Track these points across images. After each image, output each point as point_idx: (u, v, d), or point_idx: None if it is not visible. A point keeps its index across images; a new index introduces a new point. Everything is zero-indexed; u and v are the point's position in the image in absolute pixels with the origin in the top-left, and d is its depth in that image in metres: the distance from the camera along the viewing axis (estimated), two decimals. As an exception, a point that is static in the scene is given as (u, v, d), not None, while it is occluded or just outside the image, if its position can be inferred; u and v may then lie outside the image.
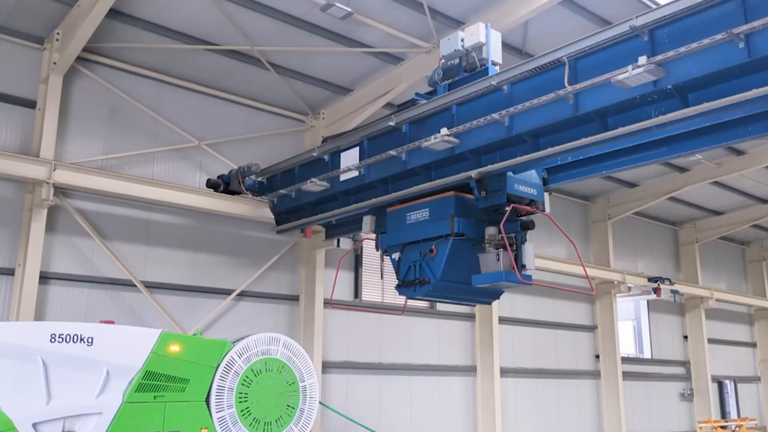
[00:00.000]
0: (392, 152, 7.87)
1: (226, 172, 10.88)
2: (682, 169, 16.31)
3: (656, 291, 17.62)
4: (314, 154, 9.32)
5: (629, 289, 17.45)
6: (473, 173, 7.24)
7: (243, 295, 11.48)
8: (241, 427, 5.98)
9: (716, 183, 16.86)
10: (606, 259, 17.61)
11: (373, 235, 8.95)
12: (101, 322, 5.72)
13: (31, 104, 9.85)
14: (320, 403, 6.85)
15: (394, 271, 8.33)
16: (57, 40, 9.83)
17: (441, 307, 14.47)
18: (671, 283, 18.11)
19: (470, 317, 14.97)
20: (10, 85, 9.78)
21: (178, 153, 11.20)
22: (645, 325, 19.49)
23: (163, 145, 11.00)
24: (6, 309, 9.20)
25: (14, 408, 4.90)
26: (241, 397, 6.03)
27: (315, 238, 11.92)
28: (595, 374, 17.23)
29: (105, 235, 10.23)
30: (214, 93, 11.77)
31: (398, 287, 8.16)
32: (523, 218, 7.65)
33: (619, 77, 5.48)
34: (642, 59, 5.36)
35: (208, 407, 5.86)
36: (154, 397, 5.58)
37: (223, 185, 10.53)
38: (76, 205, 10.00)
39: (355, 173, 8.65)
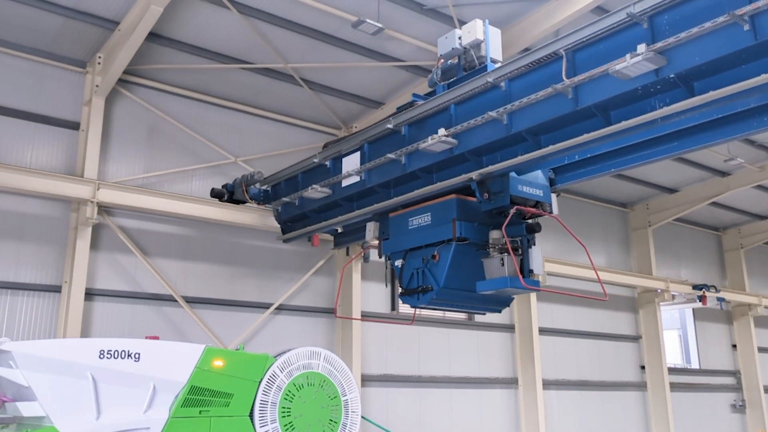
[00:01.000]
0: (391, 155, 7.60)
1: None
2: (723, 173, 15.94)
3: (702, 299, 17.19)
4: (315, 160, 9.06)
5: (673, 297, 17.06)
6: (474, 175, 6.96)
7: (281, 308, 11.55)
8: (285, 442, 5.98)
9: (759, 186, 16.41)
10: (648, 267, 17.25)
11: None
12: (146, 337, 5.80)
13: (75, 126, 10.14)
14: (362, 417, 6.82)
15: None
16: (99, 63, 10.11)
17: (479, 318, 14.34)
18: (717, 291, 17.64)
19: (509, 328, 14.80)
20: (56, 108, 10.08)
21: (215, 170, 11.39)
22: (691, 334, 19.00)
23: (201, 163, 11.19)
24: (53, 325, 9.43)
25: (66, 423, 5.00)
26: (284, 412, 6.04)
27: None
28: (640, 386, 16.83)
29: (146, 251, 10.43)
30: (250, 110, 11.94)
31: (402, 295, 7.86)
32: (529, 221, 7.29)
33: (617, 67, 5.19)
34: (641, 47, 5.06)
35: (252, 422, 5.88)
36: (200, 411, 5.63)
37: (227, 194, 10.29)
38: (118, 223, 10.23)
39: (356, 178, 8.39)
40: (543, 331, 15.02)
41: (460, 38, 7.28)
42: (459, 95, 6.96)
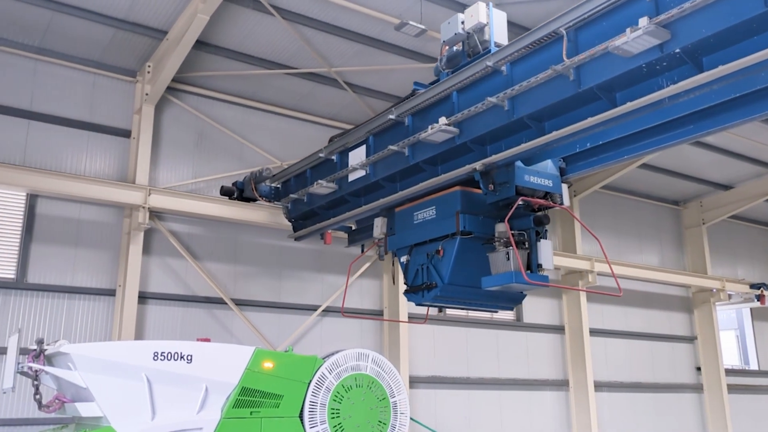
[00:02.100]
0: (393, 147, 7.34)
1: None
2: (780, 168, 15.36)
3: (760, 298, 16.57)
4: (321, 155, 8.84)
5: (729, 296, 16.50)
6: (477, 165, 6.63)
7: (328, 311, 11.62)
8: (334, 443, 6.00)
9: (819, 181, 15.75)
10: (702, 266, 16.73)
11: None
12: (198, 339, 5.88)
13: (126, 134, 10.43)
14: (411, 418, 6.78)
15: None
16: (148, 72, 10.37)
17: (528, 319, 14.18)
18: (776, 290, 16.99)
19: (559, 329, 14.57)
20: (108, 117, 10.39)
21: (262, 174, 11.53)
22: (749, 334, 18.34)
23: (248, 167, 11.35)
24: (109, 327, 9.70)
25: (123, 423, 5.11)
26: (333, 413, 6.06)
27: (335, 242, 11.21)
28: (696, 388, 16.34)
29: (196, 255, 10.63)
30: (295, 114, 12.07)
31: (406, 293, 7.58)
32: (538, 213, 6.89)
33: (618, 43, 4.85)
34: (642, 21, 4.70)
35: (302, 423, 5.91)
36: (251, 412, 5.68)
37: (237, 192, 10.11)
38: (169, 228, 10.46)
39: (362, 173, 8.13)
40: (594, 332, 14.71)
41: (462, 23, 6.90)
42: (459, 81, 6.65)
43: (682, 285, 16.47)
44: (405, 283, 7.65)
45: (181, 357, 5.46)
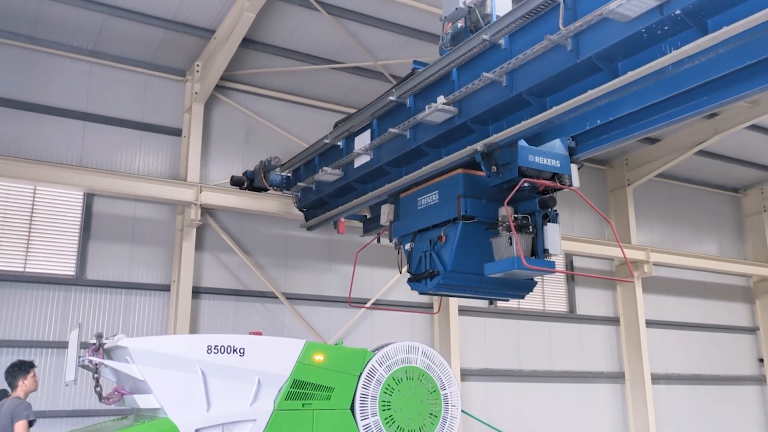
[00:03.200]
0: (394, 130, 7.11)
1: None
2: None
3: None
4: (327, 140, 8.62)
5: (794, 286, 15.83)
6: (478, 146, 6.35)
7: (378, 304, 11.64)
8: (386, 435, 6.00)
9: None
10: (765, 255, 16.11)
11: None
12: (250, 333, 5.96)
13: (177, 132, 10.65)
14: (462, 411, 6.73)
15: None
16: (197, 71, 10.56)
17: (581, 311, 13.90)
18: None
19: (614, 321, 14.24)
20: (159, 116, 10.64)
21: (310, 169, 11.61)
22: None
23: (296, 163, 11.45)
24: (164, 322, 9.96)
25: (179, 415, 5.22)
26: (384, 405, 6.05)
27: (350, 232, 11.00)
28: (759, 380, 15.76)
29: (247, 250, 10.80)
30: (342, 109, 12.09)
31: (410, 281, 7.32)
32: (543, 195, 6.51)
33: (613, 6, 4.55)
34: None
35: (353, 415, 5.93)
36: (302, 404, 5.72)
37: (247, 182, 9.89)
38: (220, 223, 10.65)
39: (367, 158, 7.90)
40: (650, 323, 14.33)
41: None
42: (457, 58, 6.38)
43: (742, 275, 15.89)
44: (408, 271, 7.41)
45: (234, 350, 5.53)
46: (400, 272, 7.69)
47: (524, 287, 7.19)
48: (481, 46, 6.12)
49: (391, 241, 7.96)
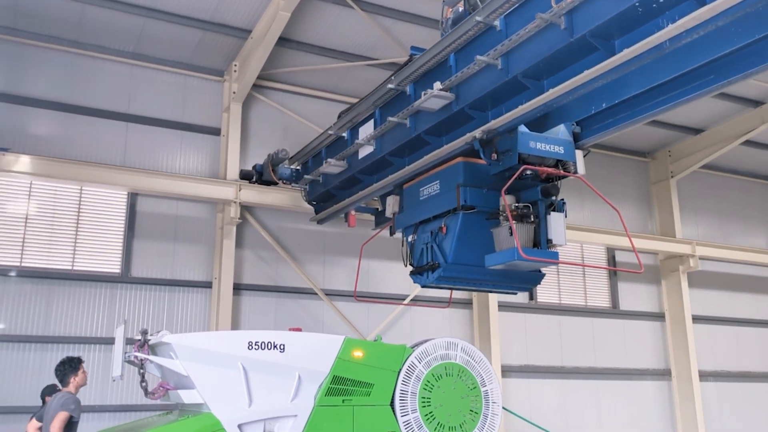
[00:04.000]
0: (393, 119, 6.96)
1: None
2: None
3: None
4: (331, 132, 8.46)
5: None
6: (477, 132, 6.14)
7: (417, 300, 11.61)
8: (427, 431, 5.98)
9: None
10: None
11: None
12: (290, 329, 6.00)
13: (216, 132, 10.81)
14: (503, 408, 6.66)
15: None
16: (235, 71, 10.69)
17: (624, 306, 13.65)
18: None
19: (659, 317, 13.93)
20: (198, 116, 10.80)
21: (347, 166, 11.64)
22: None
23: (334, 160, 11.49)
24: (206, 318, 10.12)
25: (222, 410, 5.29)
26: (424, 402, 6.03)
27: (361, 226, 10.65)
28: (813, 377, 15.20)
29: (286, 247, 10.89)
30: (378, 105, 12.08)
31: (412, 274, 7.12)
32: (547, 183, 6.26)
33: None
34: None
35: (393, 411, 5.93)
36: (342, 400, 5.74)
37: (256, 175, 9.79)
38: (260, 221, 10.77)
39: (370, 149, 7.73)
40: (697, 318, 13.97)
41: None
42: (453, 42, 6.21)
43: (795, 267, 15.34)
44: (410, 264, 7.26)
45: (274, 346, 5.58)
46: (405, 265, 7.48)
47: (530, 280, 6.98)
48: (477, 29, 5.97)
49: (393, 233, 7.83)
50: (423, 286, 7.15)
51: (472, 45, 6.17)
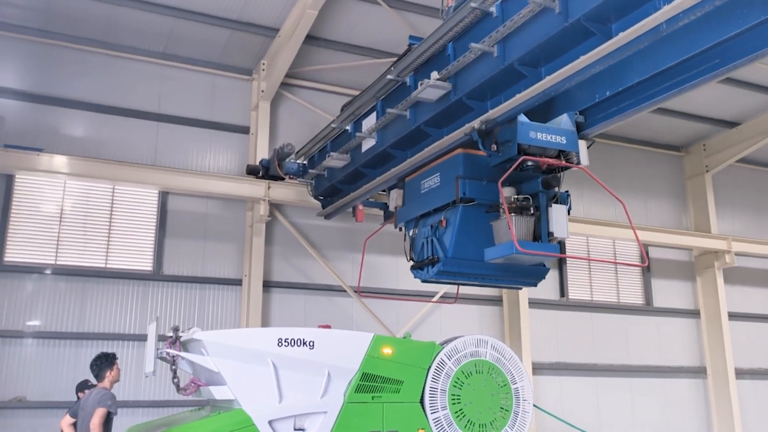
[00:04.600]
0: (393, 110, 6.86)
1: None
2: None
3: None
4: (333, 125, 8.37)
5: None
6: (476, 123, 6.00)
7: (446, 297, 11.56)
8: (457, 429, 5.93)
9: None
10: None
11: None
12: (319, 326, 6.02)
13: (245, 130, 10.88)
14: (534, 405, 6.58)
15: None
16: (263, 70, 10.75)
17: (658, 303, 13.41)
18: None
19: (694, 314, 13.66)
20: (227, 115, 10.89)
21: (375, 163, 11.63)
22: None
23: (362, 157, 11.48)
24: (237, 315, 10.21)
25: (253, 406, 5.33)
26: (454, 399, 5.99)
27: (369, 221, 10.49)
28: None
29: (315, 244, 10.92)
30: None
31: (413, 269, 7.00)
32: (548, 175, 6.08)
33: None
34: None
35: (423, 408, 5.90)
36: (372, 397, 5.73)
37: (262, 170, 9.64)
38: (289, 219, 10.82)
39: (372, 142, 7.62)
40: (734, 315, 13.66)
41: None
42: (449, 30, 6.07)
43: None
44: (411, 259, 7.17)
45: (304, 343, 5.59)
46: (408, 260, 7.38)
47: (534, 274, 6.84)
48: (473, 16, 5.86)
49: (396, 227, 7.74)
50: (423, 281, 7.04)
51: (470, 33, 6.08)
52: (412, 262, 7.23)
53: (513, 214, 5.93)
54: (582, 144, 6.03)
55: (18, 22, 9.71)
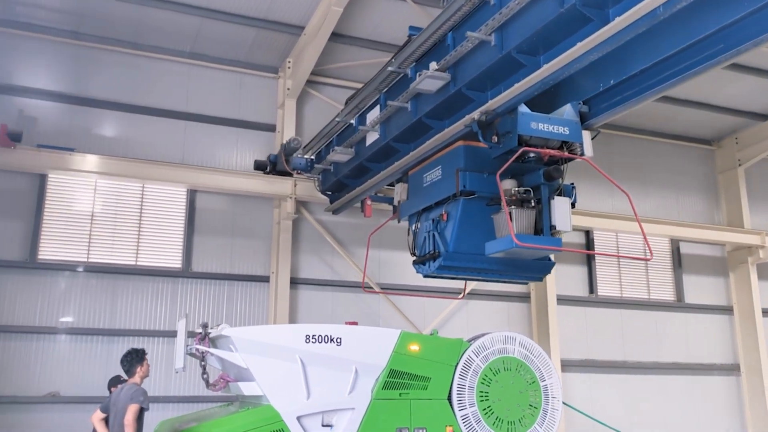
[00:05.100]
0: (394, 102, 6.76)
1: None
2: None
3: None
4: (338, 119, 8.28)
5: None
6: (475, 114, 5.90)
7: (473, 294, 11.49)
8: (485, 426, 5.90)
9: None
10: None
11: None
12: (346, 323, 6.04)
13: (271, 128, 10.95)
14: (563, 403, 6.52)
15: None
16: (289, 67, 10.80)
17: (690, 299, 13.20)
18: None
19: (727, 310, 13.40)
20: (254, 113, 10.97)
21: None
22: None
23: (388, 153, 11.46)
24: (265, 311, 10.28)
25: (281, 402, 5.37)
26: (482, 396, 5.97)
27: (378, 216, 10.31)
28: None
29: (342, 242, 10.95)
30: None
31: (415, 263, 6.91)
32: (550, 167, 5.95)
33: None
34: None
35: (451, 405, 5.89)
36: (400, 394, 5.74)
37: (270, 166, 9.68)
38: (315, 216, 10.85)
39: (376, 135, 7.53)
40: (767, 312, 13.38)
41: None
42: (448, 19, 5.98)
43: None
44: (412, 253, 7.09)
45: (331, 340, 5.62)
46: (411, 254, 7.29)
47: (539, 269, 6.72)
48: (471, 4, 5.79)
49: (399, 221, 7.62)
50: (425, 277, 6.97)
51: (469, 22, 6.01)
52: (415, 257, 7.18)
53: (513, 207, 5.85)
54: (586, 134, 5.95)
55: (50, 24, 9.89)
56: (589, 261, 12.64)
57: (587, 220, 11.73)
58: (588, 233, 12.69)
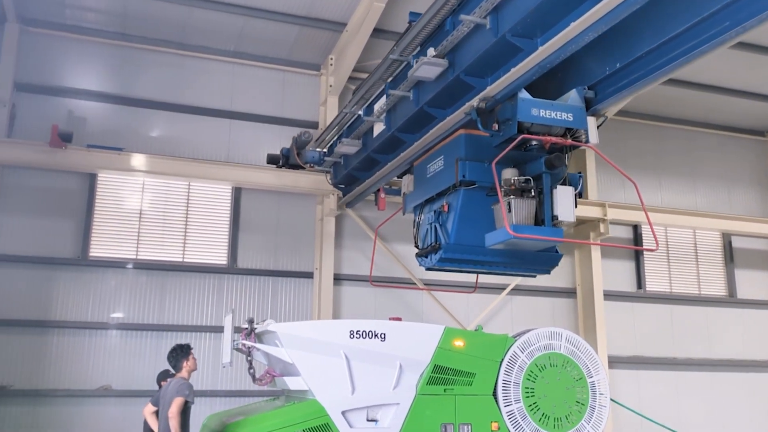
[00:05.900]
0: (395, 92, 6.61)
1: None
2: None
3: None
4: (345, 111, 8.14)
5: None
6: (475, 101, 5.69)
7: (518, 289, 11.38)
8: (531, 422, 5.84)
9: None
10: None
11: None
12: (390, 319, 6.04)
13: (314, 125, 11.01)
14: (611, 399, 6.40)
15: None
16: (331, 64, 10.84)
17: (742, 295, 12.80)
18: None
19: (782, 306, 12.96)
20: (297, 111, 11.07)
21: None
22: None
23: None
24: (309, 307, 10.38)
25: (326, 397, 5.41)
26: (527, 392, 5.90)
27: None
28: None
29: (385, 238, 10.96)
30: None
31: (418, 256, 6.74)
32: (550, 154, 5.69)
33: None
34: None
35: (496, 401, 5.84)
36: (444, 390, 5.72)
37: (282, 159, 9.54)
38: (358, 212, 10.89)
39: (381, 126, 7.39)
40: (825, 307, 12.89)
41: None
42: (444, 4, 5.78)
43: None
44: (415, 245, 6.95)
45: (375, 335, 5.63)
46: (416, 247, 7.15)
47: (545, 261, 6.52)
48: None
49: (404, 213, 7.51)
50: (427, 269, 6.84)
51: (468, 6, 5.85)
52: (415, 246, 7.10)
53: (513, 196, 5.69)
54: (591, 121, 5.72)
55: (97, 27, 10.15)
56: (637, 256, 12.38)
57: (634, 214, 11.48)
58: (636, 227, 12.42)
